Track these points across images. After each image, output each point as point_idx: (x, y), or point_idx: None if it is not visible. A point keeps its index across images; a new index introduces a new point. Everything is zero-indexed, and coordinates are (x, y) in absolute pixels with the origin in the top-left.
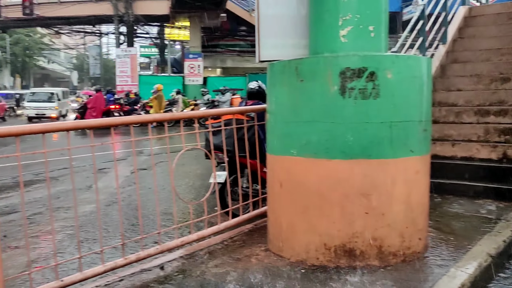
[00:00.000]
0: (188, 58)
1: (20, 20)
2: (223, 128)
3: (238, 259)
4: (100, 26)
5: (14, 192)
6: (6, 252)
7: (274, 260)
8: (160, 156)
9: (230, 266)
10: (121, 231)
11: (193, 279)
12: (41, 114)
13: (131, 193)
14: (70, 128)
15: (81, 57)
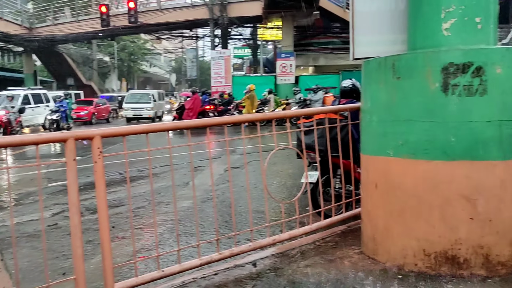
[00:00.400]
0: (280, 57)
1: (126, 28)
2: (315, 128)
3: (331, 260)
4: (196, 30)
5: (120, 187)
6: (114, 242)
7: (368, 263)
8: (252, 155)
9: (322, 267)
10: (215, 227)
11: (285, 278)
12: (138, 115)
13: (224, 191)
14: (170, 128)
15: (179, 60)
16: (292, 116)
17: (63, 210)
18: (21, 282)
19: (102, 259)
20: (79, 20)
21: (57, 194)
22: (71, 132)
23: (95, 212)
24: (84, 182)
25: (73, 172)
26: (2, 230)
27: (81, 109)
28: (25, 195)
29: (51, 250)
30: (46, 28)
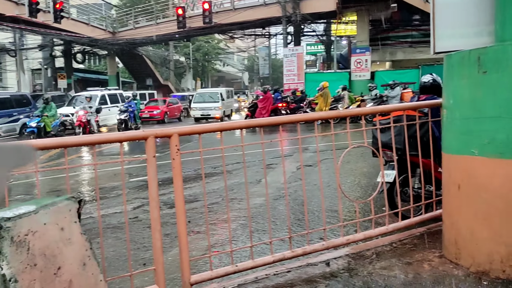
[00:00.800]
0: (355, 53)
1: (201, 29)
2: (392, 125)
3: (409, 263)
4: (269, 28)
5: (195, 183)
6: (190, 236)
7: (450, 268)
8: (325, 153)
9: (399, 270)
10: (288, 224)
11: (360, 279)
12: (205, 115)
13: (297, 189)
14: (243, 126)
15: (252, 58)
16: (368, 114)
17: (143, 204)
18: (107, 270)
19: (179, 252)
20: (157, 23)
21: (137, 189)
22: (151, 130)
23: (172, 206)
24: (161, 178)
25: (153, 168)
26: (90, 221)
27: (154, 108)
28: (109, 190)
29: (133, 241)
30: (127, 32)
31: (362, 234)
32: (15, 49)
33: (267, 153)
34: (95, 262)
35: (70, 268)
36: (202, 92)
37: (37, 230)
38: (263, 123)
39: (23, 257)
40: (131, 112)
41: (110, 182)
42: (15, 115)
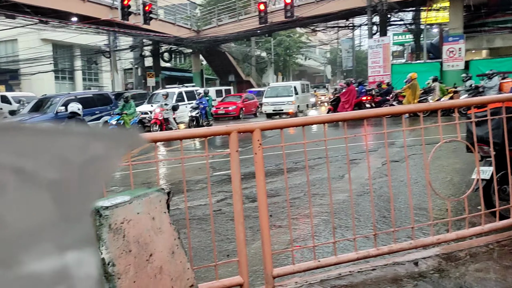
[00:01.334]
0: (447, 41)
1: (283, 23)
2: (489, 118)
3: (507, 267)
4: (353, 19)
5: (277, 177)
6: (271, 230)
7: None
8: (413, 148)
9: (496, 273)
10: (373, 221)
11: (451, 281)
12: (278, 110)
13: (382, 185)
14: (326, 121)
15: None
16: (461, 106)
17: (226, 197)
18: (193, 259)
19: (262, 245)
20: (239, 20)
21: (220, 182)
22: (234, 125)
23: (254, 200)
24: (243, 172)
25: (236, 162)
26: (177, 212)
27: (229, 104)
28: (194, 183)
29: (217, 233)
30: (211, 30)
31: (454, 233)
32: (110, 50)
33: (350, 148)
34: (182, 251)
35: (161, 255)
36: (274, 86)
37: (131, 219)
38: (346, 117)
39: (119, 243)
40: (203, 109)
41: (195, 176)
42: (97, 113)
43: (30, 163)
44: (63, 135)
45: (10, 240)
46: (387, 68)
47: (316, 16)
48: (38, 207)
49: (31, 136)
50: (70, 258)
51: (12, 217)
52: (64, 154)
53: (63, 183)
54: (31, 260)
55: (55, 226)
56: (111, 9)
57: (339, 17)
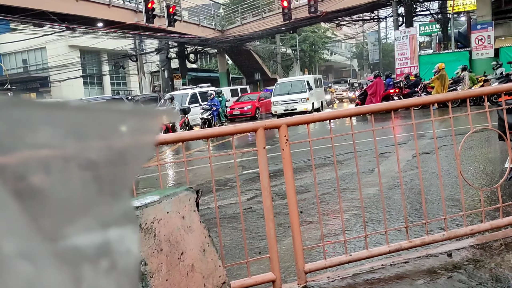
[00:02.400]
0: (476, 29)
1: (307, 19)
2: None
3: None
4: (378, 11)
5: (306, 173)
6: (302, 226)
7: None
8: (444, 139)
9: None
10: (404, 214)
11: (487, 271)
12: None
13: (413, 178)
14: (353, 114)
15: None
16: (492, 93)
17: (256, 195)
18: (225, 257)
19: (292, 241)
20: (263, 18)
21: (250, 180)
22: (261, 122)
23: (284, 197)
24: (272, 169)
25: (264, 159)
26: (207, 211)
27: (245, 103)
28: (224, 182)
29: (248, 230)
30: (235, 29)
31: (488, 224)
32: (136, 54)
33: (379, 142)
34: (213, 249)
35: (192, 253)
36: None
37: (161, 218)
38: (374, 109)
39: (150, 243)
40: (215, 110)
41: (225, 175)
42: None
43: (73, 142)
44: (104, 114)
45: (55, 215)
46: (414, 59)
47: (340, 10)
48: (81, 185)
49: (74, 116)
50: (112, 234)
51: (56, 193)
52: (105, 133)
53: (105, 162)
54: (75, 234)
55: (98, 203)
56: (136, 13)
57: (364, 9)
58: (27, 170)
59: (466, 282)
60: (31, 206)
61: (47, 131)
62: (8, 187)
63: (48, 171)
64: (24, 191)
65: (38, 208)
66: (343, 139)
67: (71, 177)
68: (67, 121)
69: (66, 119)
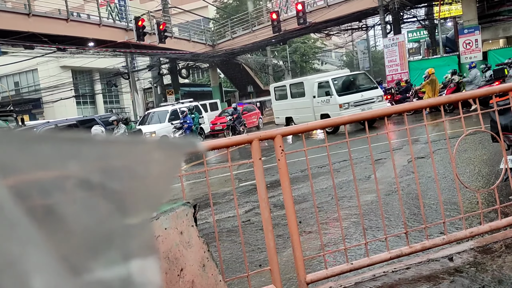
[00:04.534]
0: (463, 33)
1: (296, 30)
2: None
3: None
4: (366, 20)
5: (303, 183)
6: (301, 236)
7: None
8: (438, 143)
9: None
10: (403, 219)
11: (489, 274)
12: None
13: (409, 183)
14: (346, 121)
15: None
16: (482, 96)
17: (254, 208)
18: (225, 271)
19: (293, 251)
20: (253, 31)
21: (247, 193)
22: (256, 133)
23: (282, 208)
24: (269, 180)
25: (260, 170)
26: (205, 226)
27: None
28: (221, 195)
29: (247, 243)
30: (226, 43)
31: (487, 225)
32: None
33: (374, 148)
34: (213, 264)
35: (191, 269)
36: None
37: (159, 235)
38: (367, 116)
39: None
40: (187, 128)
41: (222, 188)
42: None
43: (96, 173)
44: (126, 145)
45: (79, 248)
46: (404, 65)
47: (329, 21)
48: (104, 216)
49: (95, 147)
50: (134, 265)
51: (80, 226)
52: (127, 164)
53: (127, 193)
54: (98, 268)
55: (120, 235)
56: (126, 31)
57: (352, 19)
58: (55, 204)
59: (468, 286)
60: (58, 240)
61: (75, 164)
62: (37, 221)
63: (75, 204)
64: (51, 224)
65: (65, 242)
66: (338, 147)
67: (96, 209)
68: (93, 154)
69: (93, 152)
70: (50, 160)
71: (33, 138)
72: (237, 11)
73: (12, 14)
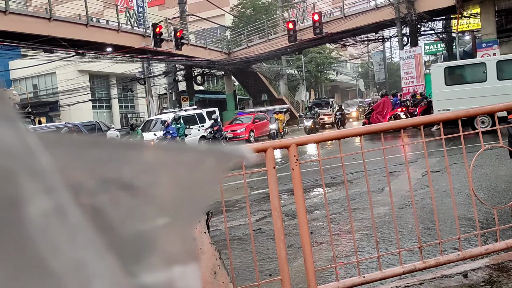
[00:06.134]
0: (481, 47)
1: (312, 40)
2: None
3: None
4: (382, 31)
5: (315, 193)
6: (313, 247)
7: None
8: (454, 157)
9: None
10: (417, 234)
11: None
12: None
13: (423, 196)
14: (362, 133)
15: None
16: (501, 111)
17: (265, 216)
18: (235, 280)
19: (304, 262)
20: (269, 40)
21: (259, 201)
22: (270, 142)
23: (294, 217)
24: (281, 189)
25: (273, 179)
26: (217, 233)
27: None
28: (233, 203)
29: (258, 252)
30: (241, 51)
31: (503, 243)
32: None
33: (388, 160)
34: (225, 271)
35: (203, 276)
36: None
37: None
38: (383, 128)
39: None
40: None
41: (234, 196)
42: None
43: (141, 179)
44: (173, 150)
45: (125, 252)
46: (420, 78)
47: (345, 31)
48: (148, 221)
49: (142, 152)
50: (176, 271)
51: (126, 231)
52: (174, 170)
53: (171, 199)
54: (142, 273)
55: (163, 241)
56: (144, 38)
57: (368, 30)
58: (104, 207)
59: None
60: (108, 244)
61: (126, 169)
62: (92, 224)
63: (121, 208)
64: (101, 227)
65: (113, 246)
66: (351, 158)
67: (141, 214)
68: (142, 159)
69: (141, 157)
70: (104, 164)
71: (88, 142)
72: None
73: (33, 18)
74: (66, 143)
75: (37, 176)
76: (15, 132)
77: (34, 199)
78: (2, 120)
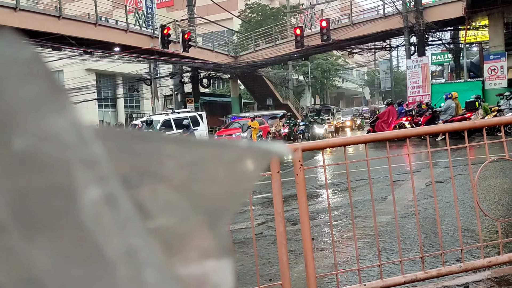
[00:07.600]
0: (489, 59)
1: (319, 47)
2: None
3: None
4: (389, 40)
5: (317, 199)
6: (314, 253)
7: None
8: (458, 168)
9: None
10: (419, 244)
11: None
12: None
13: (426, 207)
14: (368, 140)
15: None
16: (508, 123)
17: (267, 221)
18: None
19: (305, 268)
20: (276, 45)
21: (261, 205)
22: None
23: (296, 223)
24: (284, 195)
25: (277, 184)
26: None
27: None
28: None
29: (259, 256)
30: (248, 55)
31: (506, 256)
32: (150, 78)
33: (392, 169)
34: None
35: None
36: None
37: None
38: (389, 136)
39: None
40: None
41: None
42: None
43: (181, 173)
44: (214, 146)
45: (163, 244)
46: (426, 88)
47: (353, 39)
48: (184, 215)
49: (184, 147)
50: (209, 266)
51: (160, 223)
52: (213, 166)
53: (211, 196)
54: (177, 265)
55: (198, 235)
56: (152, 39)
57: (376, 38)
58: (147, 201)
59: None
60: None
61: (170, 164)
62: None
63: (160, 201)
64: (144, 218)
65: (155, 238)
66: (355, 166)
67: (178, 208)
68: (183, 154)
69: (183, 152)
70: (147, 157)
71: (133, 135)
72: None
73: (43, 16)
74: (114, 135)
75: (91, 166)
76: (70, 123)
77: (88, 188)
78: (59, 111)
